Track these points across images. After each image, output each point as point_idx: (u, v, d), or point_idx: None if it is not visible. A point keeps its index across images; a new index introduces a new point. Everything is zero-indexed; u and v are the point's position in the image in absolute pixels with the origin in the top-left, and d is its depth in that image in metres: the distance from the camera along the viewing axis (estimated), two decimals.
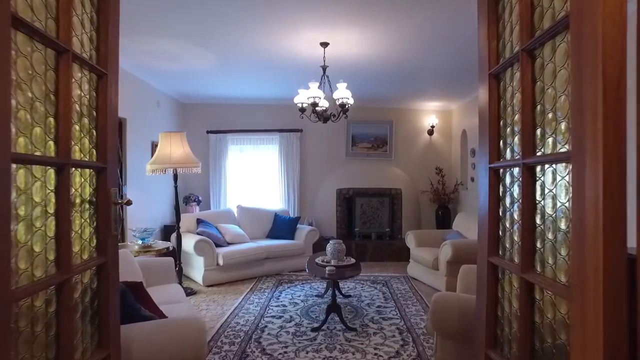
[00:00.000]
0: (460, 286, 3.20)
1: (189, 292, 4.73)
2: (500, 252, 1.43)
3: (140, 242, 4.24)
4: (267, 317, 3.98)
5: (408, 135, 7.44)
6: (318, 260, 4.19)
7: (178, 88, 6.19)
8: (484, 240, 1.50)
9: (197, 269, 5.22)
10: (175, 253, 4.86)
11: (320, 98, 3.86)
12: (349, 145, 7.36)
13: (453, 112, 7.44)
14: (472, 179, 6.46)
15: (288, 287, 5.05)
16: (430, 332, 2.76)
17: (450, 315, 2.37)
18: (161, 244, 4.42)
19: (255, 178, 7.33)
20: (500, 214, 1.42)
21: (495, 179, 1.43)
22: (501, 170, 1.42)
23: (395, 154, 7.39)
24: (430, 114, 7.38)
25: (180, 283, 4.76)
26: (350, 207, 7.17)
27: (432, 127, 7.34)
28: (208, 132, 7.16)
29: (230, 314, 4.07)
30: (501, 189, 1.42)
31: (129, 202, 1.56)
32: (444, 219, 7.13)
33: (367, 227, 7.11)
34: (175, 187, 4.81)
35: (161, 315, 2.28)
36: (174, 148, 4.58)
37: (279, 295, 4.70)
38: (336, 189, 7.17)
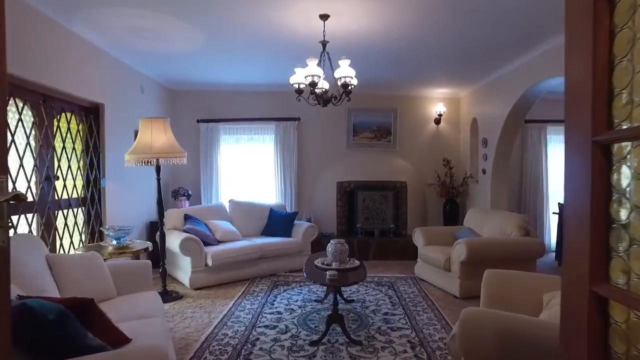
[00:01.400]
0: (485, 296, 2.73)
1: (174, 297, 4.25)
2: (612, 278, 0.94)
3: (115, 242, 3.75)
4: (259, 326, 3.51)
5: (413, 125, 6.94)
6: (317, 262, 3.71)
7: (164, 72, 5.67)
8: (579, 258, 0.98)
9: (183, 271, 4.75)
10: (160, 253, 4.37)
11: (319, 77, 3.36)
12: (350, 135, 6.85)
13: (462, 99, 6.93)
14: (484, 171, 5.97)
15: (284, 291, 4.57)
16: (456, 357, 2.29)
17: (485, 339, 1.90)
18: (139, 244, 3.93)
19: (249, 170, 6.83)
20: (613, 214, 0.92)
21: (604, 160, 0.93)
22: (615, 147, 0.93)
23: (400, 144, 6.90)
24: (437, 101, 6.87)
25: (164, 287, 4.29)
26: (351, 202, 6.69)
27: (440, 115, 6.84)
28: (199, 121, 6.65)
29: (218, 322, 3.59)
30: (614, 177, 0.92)
31: (18, 197, 1.07)
32: (451, 215, 6.66)
33: (370, 223, 6.63)
34: (158, 180, 4.31)
35: (118, 340, 1.80)
36: (156, 136, 4.08)
37: (274, 300, 4.23)
38: (336, 182, 6.68)
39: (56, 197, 3.70)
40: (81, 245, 4.06)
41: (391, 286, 4.74)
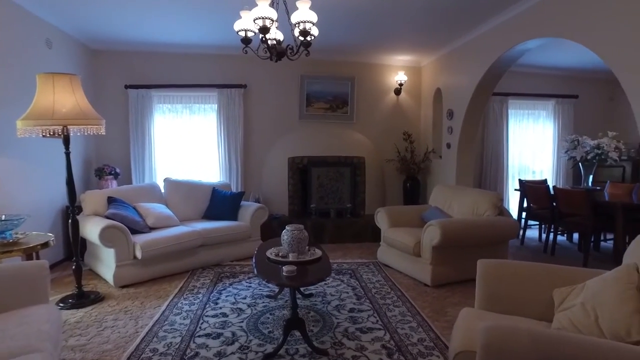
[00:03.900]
0: (481, 294, 2.23)
1: (93, 299, 3.43)
2: None
3: None
4: (199, 335, 2.82)
5: (372, 95, 6.36)
6: (270, 253, 3.06)
7: (81, 25, 4.62)
8: None
9: (106, 265, 3.91)
10: (72, 246, 3.50)
11: (272, 21, 2.63)
12: (303, 106, 6.15)
13: (423, 68, 6.44)
14: (449, 145, 5.55)
15: (230, 284, 3.89)
16: None
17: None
18: (35, 239, 3.05)
19: (188, 145, 5.96)
20: None
21: None
22: None
23: (357, 116, 6.31)
24: (397, 70, 6.32)
25: (79, 287, 3.45)
26: (304, 180, 6.05)
27: (400, 85, 6.31)
28: (127, 86, 5.64)
29: (147, 333, 2.85)
30: None
31: None
32: (412, 192, 6.25)
33: (325, 203, 6.05)
34: (67, 154, 3.39)
35: None
36: (61, 97, 3.15)
37: (218, 298, 3.54)
38: (288, 157, 5.99)
39: None
40: None
41: (353, 274, 4.21)
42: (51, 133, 3.16)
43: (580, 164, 5.17)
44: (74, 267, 3.47)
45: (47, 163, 4.30)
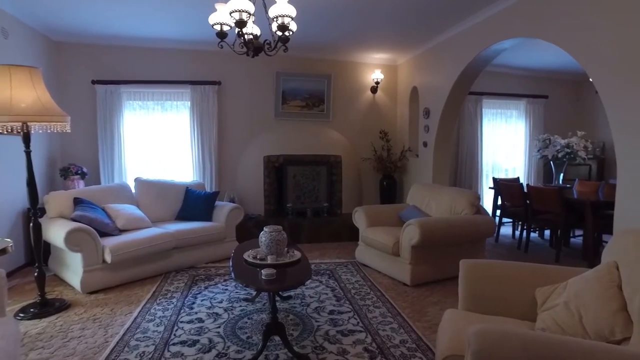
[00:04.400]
0: (465, 295, 2.21)
1: (58, 307, 3.23)
2: None
3: None
4: (174, 343, 2.69)
5: (348, 93, 6.32)
6: (248, 255, 2.96)
7: (43, 15, 4.36)
8: None
9: (72, 270, 3.70)
10: (34, 251, 3.29)
11: (249, 15, 2.52)
12: (278, 103, 6.04)
13: (400, 67, 6.44)
14: (425, 144, 5.57)
15: (205, 288, 3.76)
16: None
17: None
18: None
19: (160, 144, 5.74)
20: None
21: None
22: None
23: (334, 114, 6.25)
24: (374, 68, 6.30)
25: (42, 295, 3.25)
26: (280, 179, 5.95)
27: (377, 83, 6.29)
28: (94, 82, 5.38)
29: (118, 342, 2.70)
30: None
31: None
32: (389, 191, 6.25)
33: (302, 202, 5.97)
34: (28, 153, 3.17)
35: None
36: (20, 92, 2.95)
37: (193, 302, 3.41)
38: (263, 156, 5.87)
39: None
40: None
41: (332, 275, 4.15)
42: (9, 130, 2.94)
43: (551, 162, 5.29)
44: (36, 273, 3.26)
45: (5, 162, 4.05)
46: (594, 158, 6.68)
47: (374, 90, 6.36)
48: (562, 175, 5.30)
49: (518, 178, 6.27)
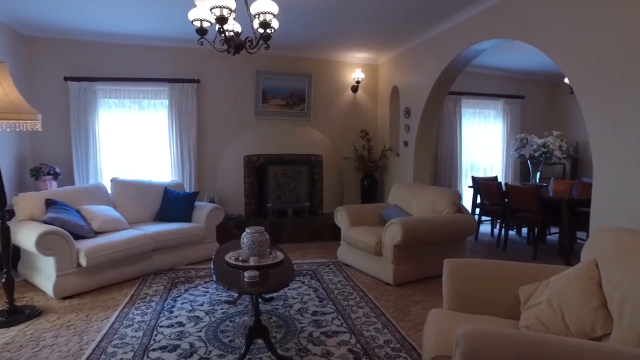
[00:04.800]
0: (449, 295, 2.21)
1: (28, 315, 3.09)
2: None
3: None
4: (154, 349, 2.61)
5: (329, 92, 6.30)
6: (229, 257, 2.90)
7: (10, 7, 4.17)
8: None
9: (44, 275, 3.56)
10: (1, 256, 3.14)
11: (230, 11, 2.46)
12: (258, 102, 5.97)
13: (380, 66, 6.46)
14: (406, 143, 5.60)
15: (185, 291, 3.67)
16: None
17: None
18: None
19: (137, 143, 5.59)
20: None
21: None
22: None
23: (315, 113, 6.22)
24: (355, 67, 6.30)
25: (10, 302, 3.10)
26: (261, 178, 5.88)
27: (358, 82, 6.28)
28: (67, 79, 5.19)
29: (94, 350, 2.60)
30: None
31: None
32: (370, 191, 6.26)
33: (282, 202, 5.92)
34: None
35: None
36: None
37: (173, 306, 3.32)
38: (244, 155, 5.79)
39: None
40: None
41: (314, 275, 4.12)
42: None
43: (528, 161, 5.39)
44: (4, 279, 3.11)
45: None
46: (568, 157, 6.85)
47: (354, 89, 6.36)
48: (538, 174, 5.41)
49: (496, 177, 6.37)
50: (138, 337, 2.76)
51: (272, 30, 2.67)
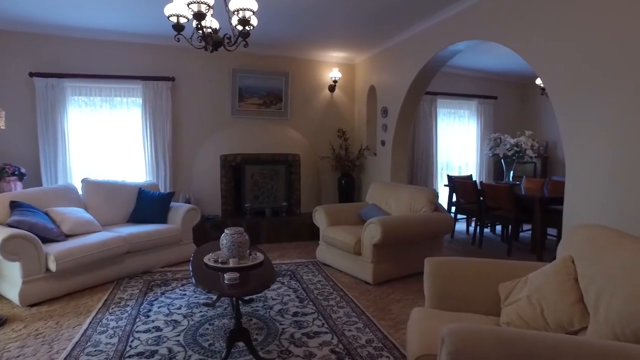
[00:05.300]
0: (430, 293, 2.23)
1: None
2: None
3: None
4: (130, 355, 2.52)
5: (306, 91, 6.27)
6: (208, 259, 2.84)
7: None
8: None
9: (9, 282, 3.39)
10: None
11: (208, 7, 2.41)
12: (235, 101, 5.89)
13: (357, 66, 6.48)
14: (383, 143, 5.63)
15: (162, 294, 3.58)
16: None
17: None
18: None
19: (109, 142, 5.42)
20: None
21: None
22: None
23: (292, 112, 6.19)
24: (332, 66, 6.30)
25: None
26: (238, 178, 5.80)
27: (335, 82, 6.28)
28: (32, 74, 4.97)
29: (65, 359, 2.49)
30: None
31: None
32: (347, 190, 6.27)
33: (260, 202, 5.86)
34: None
35: None
36: None
37: (149, 310, 3.23)
38: (220, 155, 5.71)
39: None
40: None
41: (293, 275, 4.09)
42: None
43: (502, 160, 5.52)
44: None
45: None
46: (539, 156, 7.06)
47: (332, 88, 6.36)
48: (512, 172, 5.55)
49: (471, 175, 6.50)
50: (113, 344, 2.67)
51: (251, 27, 2.63)
